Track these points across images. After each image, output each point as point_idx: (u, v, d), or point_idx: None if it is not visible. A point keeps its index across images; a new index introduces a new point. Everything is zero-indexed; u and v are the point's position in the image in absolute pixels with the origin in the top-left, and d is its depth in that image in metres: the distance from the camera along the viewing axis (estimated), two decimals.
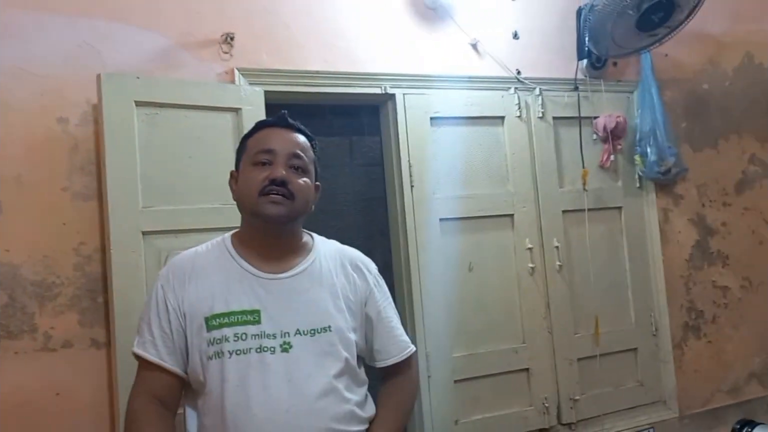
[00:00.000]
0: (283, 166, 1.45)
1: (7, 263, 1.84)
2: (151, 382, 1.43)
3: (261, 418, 1.35)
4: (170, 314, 1.43)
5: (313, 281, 1.49)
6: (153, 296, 1.46)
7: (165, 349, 1.42)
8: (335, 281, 1.52)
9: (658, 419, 2.83)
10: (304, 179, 1.48)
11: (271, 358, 1.39)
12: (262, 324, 1.41)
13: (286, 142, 1.48)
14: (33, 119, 1.90)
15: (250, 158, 1.49)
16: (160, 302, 1.44)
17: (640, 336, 2.85)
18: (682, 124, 3.05)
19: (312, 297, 1.47)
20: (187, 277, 1.46)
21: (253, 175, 1.45)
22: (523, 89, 2.67)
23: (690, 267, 3.01)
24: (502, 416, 2.51)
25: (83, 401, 1.90)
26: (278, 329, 1.41)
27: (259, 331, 1.40)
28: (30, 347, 1.85)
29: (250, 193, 1.45)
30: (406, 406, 1.59)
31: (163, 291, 1.45)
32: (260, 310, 1.42)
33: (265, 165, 1.45)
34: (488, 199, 2.57)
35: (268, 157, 1.46)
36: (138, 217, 1.89)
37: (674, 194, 2.99)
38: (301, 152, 1.49)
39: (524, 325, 2.59)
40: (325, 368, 1.42)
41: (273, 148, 1.46)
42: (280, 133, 1.50)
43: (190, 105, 2.01)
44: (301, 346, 1.41)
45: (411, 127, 2.46)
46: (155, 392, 1.43)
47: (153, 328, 1.43)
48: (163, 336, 1.42)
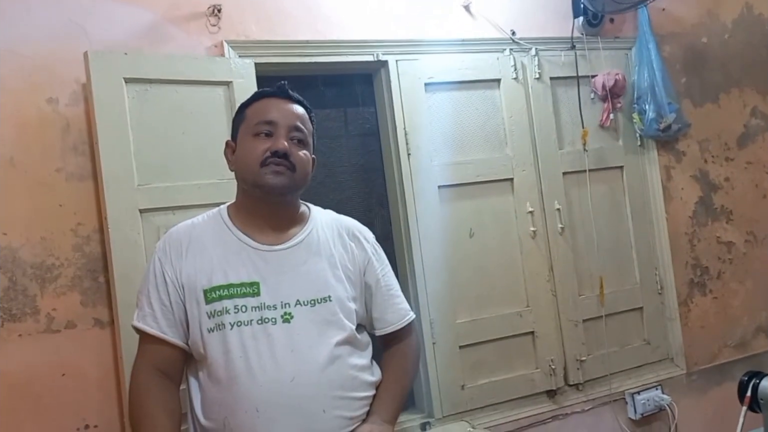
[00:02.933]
0: (285, 137, 1.46)
1: (6, 246, 1.84)
2: (153, 354, 1.44)
3: (266, 389, 1.36)
4: (168, 286, 1.43)
5: (311, 252, 1.50)
6: (151, 269, 1.46)
7: (165, 322, 1.42)
8: (333, 251, 1.52)
9: (665, 376, 2.83)
10: (304, 152, 1.50)
11: (273, 329, 1.40)
12: (262, 296, 1.42)
13: (286, 113, 1.48)
14: (22, 100, 1.88)
15: (249, 129, 1.48)
16: (158, 275, 1.45)
17: (646, 295, 2.84)
18: (682, 79, 3.00)
19: (311, 268, 1.47)
20: (184, 249, 1.46)
21: (254, 146, 1.45)
22: (518, 50, 2.62)
23: (694, 224, 2.98)
24: (509, 379, 2.51)
25: (90, 380, 1.91)
26: (278, 300, 1.42)
27: (259, 303, 1.41)
28: (33, 329, 1.86)
29: (250, 164, 1.45)
30: (408, 372, 1.60)
31: (161, 263, 1.46)
32: (259, 282, 1.42)
33: (266, 136, 1.46)
34: (487, 164, 2.54)
35: (269, 128, 1.46)
36: (134, 195, 1.88)
37: (676, 151, 2.96)
38: (301, 124, 1.50)
39: (528, 288, 2.58)
40: (327, 337, 1.43)
41: (274, 120, 1.46)
42: (280, 104, 1.50)
43: (181, 80, 1.99)
44: (303, 316, 1.42)
45: (405, 94, 2.42)
46: (158, 365, 1.44)
47: (152, 301, 1.44)
48: (163, 309, 1.43)
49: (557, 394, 2.60)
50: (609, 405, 2.71)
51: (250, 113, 1.51)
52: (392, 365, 1.58)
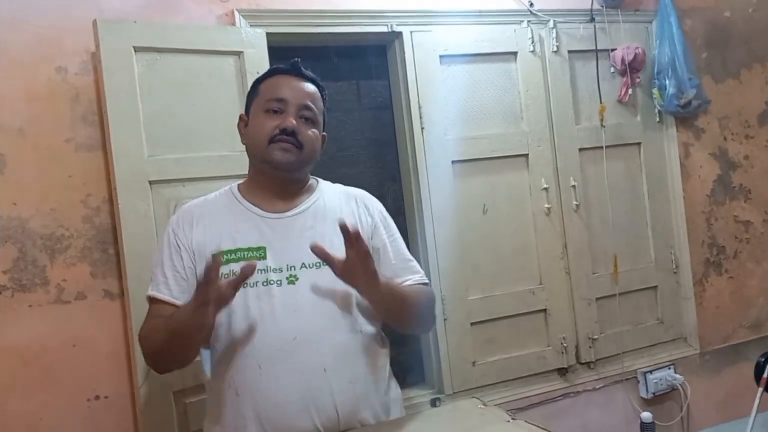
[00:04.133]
0: (294, 116, 1.46)
1: (16, 217, 1.83)
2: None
3: (268, 346, 1.37)
4: (182, 252, 1.45)
5: (317, 218, 1.50)
6: (164, 241, 1.48)
7: (177, 288, 1.43)
8: (339, 217, 1.50)
9: (678, 356, 2.80)
10: (313, 130, 1.50)
11: (276, 290, 1.40)
12: (268, 260, 1.42)
13: (298, 92, 1.49)
14: (32, 70, 1.86)
15: (261, 104, 1.49)
16: (171, 244, 1.46)
17: (660, 273, 2.80)
18: (703, 54, 2.93)
19: (317, 232, 1.47)
20: (195, 220, 1.48)
21: (264, 122, 1.46)
22: (536, 22, 2.56)
23: (711, 202, 2.93)
24: (520, 357, 2.50)
25: (100, 352, 1.91)
26: (284, 263, 1.43)
27: (265, 266, 1.42)
28: (44, 300, 1.86)
29: (260, 139, 1.46)
30: (419, 296, 1.52)
31: (174, 233, 1.47)
32: (266, 247, 1.43)
33: (276, 113, 1.46)
34: (502, 139, 2.50)
35: (280, 105, 1.46)
36: (144, 166, 1.86)
37: (695, 128, 2.90)
38: (311, 103, 1.50)
39: (541, 266, 2.55)
40: (332, 299, 1.43)
41: (285, 97, 1.47)
42: (293, 82, 1.50)
43: (191, 49, 1.95)
44: (308, 278, 1.42)
45: (419, 66, 2.38)
46: None
47: (165, 269, 1.44)
48: (175, 275, 1.43)
49: (568, 372, 2.58)
50: (621, 384, 2.69)
51: (263, 89, 1.51)
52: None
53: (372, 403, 1.43)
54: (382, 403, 1.46)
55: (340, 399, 1.37)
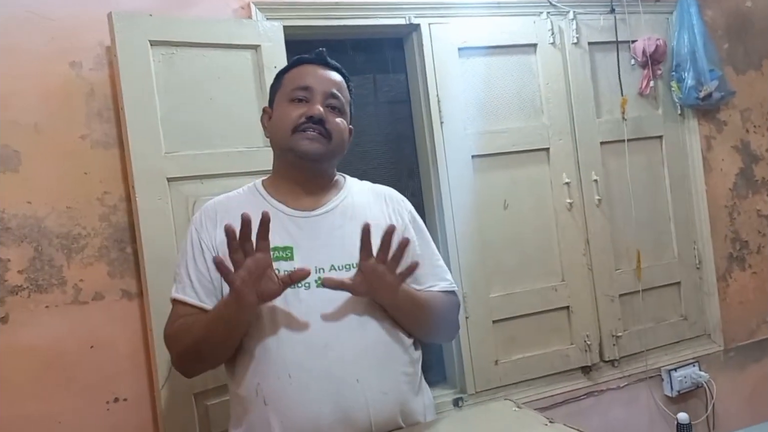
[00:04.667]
0: (320, 103, 1.40)
1: (31, 215, 1.79)
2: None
3: (298, 353, 1.31)
4: (205, 253, 1.39)
5: (345, 217, 1.44)
6: (188, 241, 1.42)
7: (203, 291, 1.37)
8: (368, 216, 1.45)
9: (702, 353, 2.75)
10: (341, 119, 1.44)
11: (305, 294, 1.34)
12: (295, 260, 1.36)
13: (323, 80, 1.43)
14: (46, 65, 1.82)
15: (285, 95, 1.44)
16: (195, 245, 1.40)
17: (683, 269, 2.74)
18: (724, 45, 2.87)
19: (346, 232, 1.41)
20: (219, 217, 1.42)
21: (289, 111, 1.41)
22: (555, 13, 2.51)
23: (734, 196, 2.88)
24: (543, 355, 2.45)
25: (119, 353, 1.87)
26: (312, 265, 1.35)
27: (292, 268, 1.34)
28: (60, 300, 1.81)
29: (285, 129, 1.40)
30: (439, 304, 1.47)
31: (197, 233, 1.42)
32: (293, 247, 1.37)
33: (301, 102, 1.41)
34: (522, 133, 2.45)
35: (305, 94, 1.41)
36: (162, 163, 1.81)
37: (717, 120, 2.84)
38: (338, 92, 1.44)
39: (563, 262, 2.50)
40: (363, 304, 1.36)
41: (310, 85, 1.41)
42: (318, 71, 1.45)
43: (208, 43, 1.91)
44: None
45: (438, 59, 2.33)
46: None
47: (190, 271, 1.39)
48: (200, 277, 1.38)
49: (592, 370, 2.53)
50: (645, 382, 2.63)
51: (286, 80, 1.46)
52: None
53: (405, 412, 1.37)
54: (414, 411, 1.39)
55: (374, 411, 1.31)
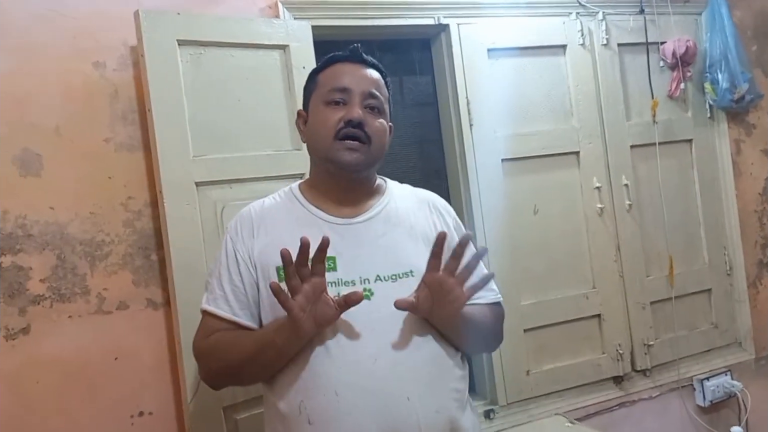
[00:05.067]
0: (359, 106, 1.32)
1: (54, 222, 1.72)
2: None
3: (346, 370, 1.23)
4: (240, 266, 1.32)
5: (389, 224, 1.37)
6: (222, 251, 1.35)
7: (238, 304, 1.31)
8: (412, 222, 1.39)
9: (734, 361, 2.68)
10: (380, 120, 1.37)
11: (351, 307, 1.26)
12: (338, 271, 1.28)
13: (361, 79, 1.35)
14: (68, 65, 1.75)
15: (321, 97, 1.36)
16: (230, 255, 1.33)
17: (714, 275, 2.68)
18: (753, 47, 2.81)
19: (390, 240, 1.34)
20: (256, 227, 1.35)
21: (327, 116, 1.33)
22: (585, 14, 2.45)
23: (764, 201, 2.82)
24: (575, 365, 2.37)
25: (144, 365, 1.80)
26: (356, 275, 1.29)
27: (336, 279, 1.28)
28: (84, 310, 1.74)
29: (323, 136, 1.33)
30: (489, 319, 1.41)
31: (233, 243, 1.34)
32: (335, 257, 1.29)
33: (338, 104, 1.33)
34: (552, 136, 2.38)
35: (343, 96, 1.33)
36: (190, 166, 1.74)
37: (746, 123, 2.79)
38: (376, 91, 1.36)
39: (594, 269, 2.43)
40: (411, 317, 1.28)
41: (347, 86, 1.33)
42: (354, 69, 1.37)
43: (236, 43, 1.84)
44: (383, 292, 1.28)
45: (467, 60, 2.26)
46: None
47: (224, 283, 1.32)
48: (235, 290, 1.31)
49: (624, 380, 2.46)
50: (677, 392, 2.56)
51: (321, 80, 1.38)
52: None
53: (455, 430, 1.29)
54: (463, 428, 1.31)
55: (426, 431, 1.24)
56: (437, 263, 1.24)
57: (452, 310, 1.26)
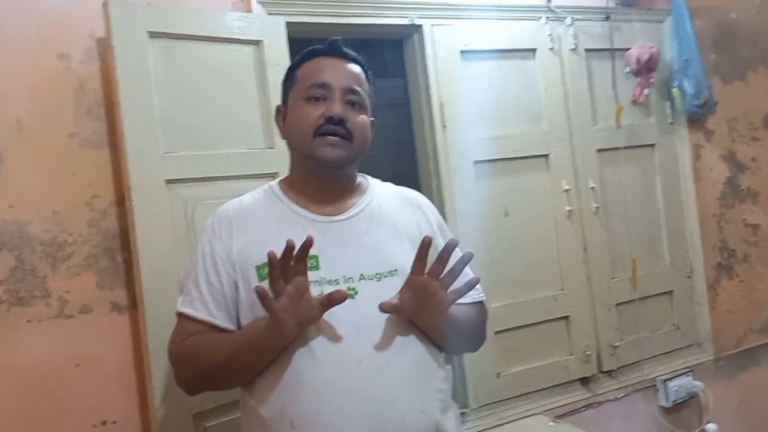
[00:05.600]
0: (340, 101, 1.29)
1: (13, 221, 1.62)
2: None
3: (331, 371, 1.19)
4: (218, 265, 1.27)
5: (372, 222, 1.34)
6: (198, 251, 1.30)
7: (215, 305, 1.26)
8: (396, 221, 1.37)
9: (694, 362, 2.73)
10: (362, 116, 1.33)
11: (335, 307, 1.22)
12: (321, 270, 1.25)
13: (341, 74, 1.32)
14: (31, 56, 1.66)
15: (301, 92, 1.32)
16: (207, 255, 1.28)
17: (676, 278, 2.73)
18: (711, 55, 2.89)
19: (373, 239, 1.31)
20: (234, 225, 1.30)
21: (306, 112, 1.29)
22: (554, 19, 2.47)
23: (721, 205, 2.89)
24: (544, 367, 2.38)
25: (107, 372, 1.71)
26: (340, 274, 1.25)
27: (319, 278, 1.24)
28: (44, 314, 1.64)
29: (303, 132, 1.29)
30: (473, 318, 1.40)
31: (210, 243, 1.29)
32: (318, 255, 1.25)
33: (318, 100, 1.29)
34: (523, 139, 2.39)
35: (322, 91, 1.29)
36: (160, 164, 1.67)
37: (705, 129, 2.85)
38: (357, 86, 1.33)
39: (562, 271, 2.44)
40: (396, 317, 1.25)
41: (327, 82, 1.29)
42: (334, 64, 1.33)
43: (209, 37, 1.78)
44: (368, 292, 1.25)
45: (440, 62, 2.25)
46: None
47: (200, 283, 1.27)
48: (212, 290, 1.26)
49: (591, 381, 2.48)
50: (641, 392, 2.60)
51: (300, 75, 1.34)
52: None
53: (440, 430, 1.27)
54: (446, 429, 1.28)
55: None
56: (422, 266, 1.22)
57: (436, 312, 1.24)
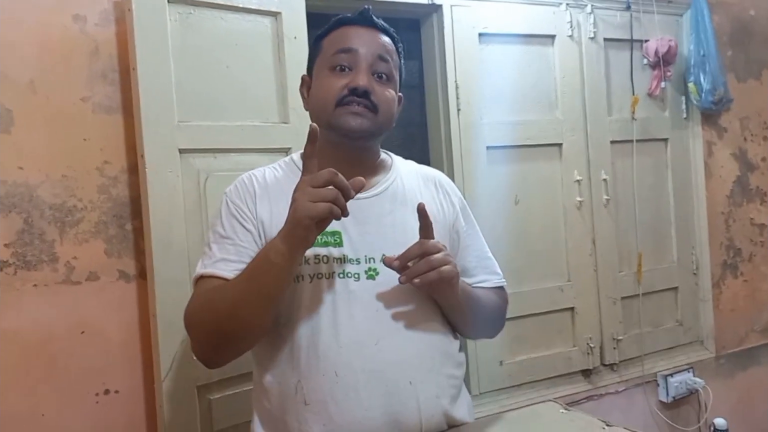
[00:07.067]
0: (366, 72, 1.24)
1: (22, 183, 1.59)
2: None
3: (347, 350, 1.17)
4: (247, 224, 1.21)
5: (395, 202, 1.30)
6: (220, 214, 1.25)
7: (242, 266, 1.16)
8: (419, 201, 1.33)
9: (695, 359, 2.73)
10: (389, 89, 1.28)
11: (355, 285, 1.20)
12: (344, 247, 1.22)
13: (369, 43, 1.26)
14: (47, 15, 1.62)
15: (326, 61, 1.27)
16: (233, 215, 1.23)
17: (682, 274, 2.72)
18: (728, 52, 2.86)
19: (396, 219, 1.28)
20: (257, 194, 1.25)
21: (330, 82, 1.24)
22: (574, 6, 2.43)
23: (730, 203, 2.87)
24: (547, 357, 2.37)
25: (112, 340, 1.69)
26: (362, 254, 1.22)
27: (341, 255, 1.21)
28: (51, 279, 1.62)
29: (325, 102, 1.24)
30: (492, 300, 1.38)
31: (234, 204, 1.24)
32: (341, 232, 1.22)
33: (344, 71, 1.24)
34: (537, 126, 2.36)
35: (349, 59, 1.24)
36: (174, 132, 1.64)
37: (719, 126, 2.83)
38: (386, 55, 1.27)
39: (570, 262, 2.43)
40: (415, 300, 1.23)
41: (354, 48, 1.24)
42: (363, 33, 1.28)
43: (227, 5, 1.75)
44: (389, 273, 1.21)
45: (458, 43, 2.22)
46: None
47: (227, 244, 1.20)
48: (240, 251, 1.19)
49: (592, 373, 2.48)
50: (641, 387, 2.59)
51: (327, 44, 1.30)
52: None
53: (450, 416, 1.25)
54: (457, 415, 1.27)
55: (426, 416, 1.20)
56: (429, 236, 1.18)
57: (448, 284, 1.19)
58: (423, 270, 1.14)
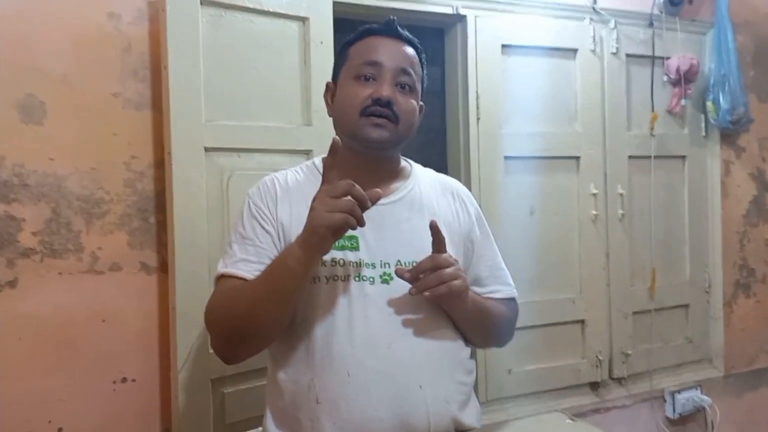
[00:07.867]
0: (390, 83, 1.28)
1: (52, 174, 1.64)
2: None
3: (361, 351, 1.20)
4: (267, 226, 1.26)
5: (413, 209, 1.33)
6: (243, 215, 1.29)
7: (259, 266, 1.22)
8: (436, 210, 1.36)
9: (704, 377, 2.74)
10: (411, 100, 1.32)
11: (370, 289, 1.24)
12: (361, 251, 1.25)
13: (394, 54, 1.30)
14: (81, 11, 1.67)
15: (352, 70, 1.31)
16: (255, 216, 1.27)
17: (694, 292, 2.73)
18: (750, 72, 2.87)
19: (413, 226, 1.31)
20: (279, 197, 1.30)
21: (355, 92, 1.28)
22: (597, 21, 2.46)
23: (745, 223, 2.88)
24: (555, 368, 2.39)
25: (131, 330, 1.74)
26: (377, 259, 1.26)
27: (358, 259, 1.25)
28: (75, 268, 1.67)
29: (349, 111, 1.28)
30: (502, 312, 1.41)
31: (256, 207, 1.29)
32: (358, 237, 1.26)
33: (369, 80, 1.29)
34: (555, 138, 2.39)
35: (373, 71, 1.29)
36: (201, 130, 1.69)
37: (737, 146, 2.84)
38: (409, 67, 1.31)
39: (582, 275, 2.44)
40: (428, 305, 1.26)
41: (379, 61, 1.29)
42: (388, 44, 1.32)
43: (257, 9, 1.79)
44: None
45: (481, 53, 2.25)
46: None
47: (247, 245, 1.25)
48: (259, 252, 1.24)
49: (600, 387, 2.49)
50: (648, 402, 2.61)
51: (353, 52, 1.34)
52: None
53: (458, 422, 1.28)
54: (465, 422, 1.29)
55: (434, 420, 1.22)
56: (441, 250, 1.22)
57: (458, 296, 1.23)
58: (434, 283, 1.18)
